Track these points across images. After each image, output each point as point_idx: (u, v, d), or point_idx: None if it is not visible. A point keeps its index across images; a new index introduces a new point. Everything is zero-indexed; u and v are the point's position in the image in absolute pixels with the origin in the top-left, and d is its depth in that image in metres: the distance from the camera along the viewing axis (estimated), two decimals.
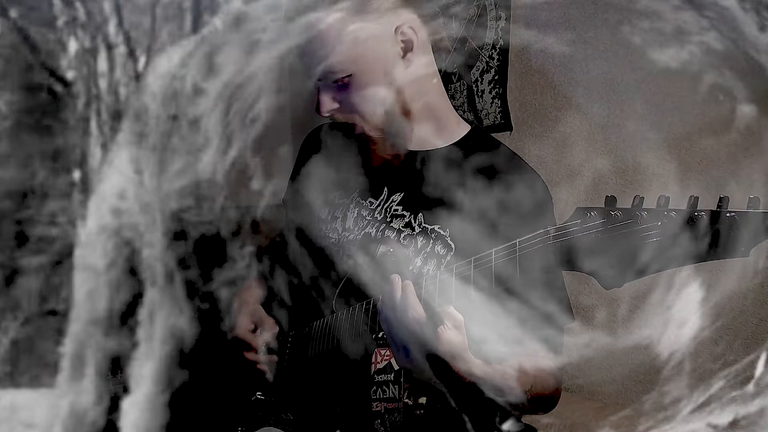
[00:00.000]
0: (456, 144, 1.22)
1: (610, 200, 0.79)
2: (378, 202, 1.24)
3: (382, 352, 1.15)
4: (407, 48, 1.15)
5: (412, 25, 1.14)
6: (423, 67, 1.17)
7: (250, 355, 1.33)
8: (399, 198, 1.22)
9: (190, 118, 1.14)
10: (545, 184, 1.18)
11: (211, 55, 1.14)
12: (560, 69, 1.88)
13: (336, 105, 1.17)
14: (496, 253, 0.90)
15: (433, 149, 1.21)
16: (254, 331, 1.34)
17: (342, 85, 1.14)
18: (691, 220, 0.72)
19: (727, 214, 0.71)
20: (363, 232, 1.22)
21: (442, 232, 1.15)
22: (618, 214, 0.77)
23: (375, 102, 1.15)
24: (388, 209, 1.22)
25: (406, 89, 1.16)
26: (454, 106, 1.30)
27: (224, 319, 1.38)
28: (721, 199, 0.72)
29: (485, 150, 1.20)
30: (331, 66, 1.11)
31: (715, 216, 0.72)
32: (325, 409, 1.21)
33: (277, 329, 1.32)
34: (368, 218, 1.23)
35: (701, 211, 0.72)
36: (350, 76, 1.12)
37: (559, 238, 0.82)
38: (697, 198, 0.73)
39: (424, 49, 1.17)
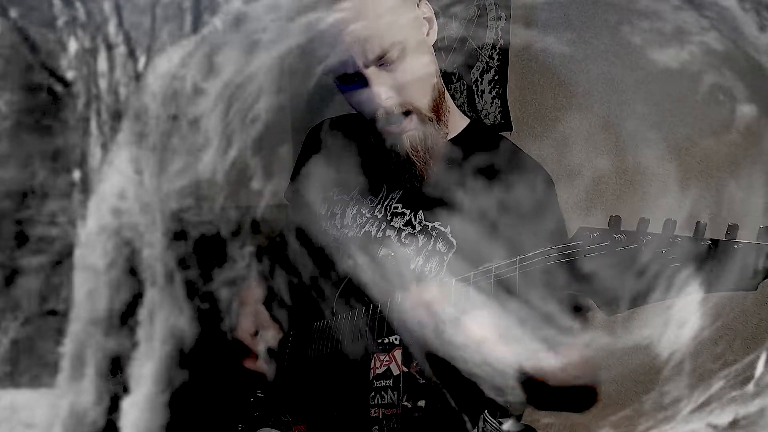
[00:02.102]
0: (455, 138, 1.21)
1: (615, 221, 0.77)
2: (377, 200, 1.23)
3: (381, 357, 1.15)
4: (430, 25, 1.15)
5: (427, 3, 1.15)
6: (430, 64, 1.16)
7: (248, 363, 1.32)
8: (398, 195, 1.21)
9: (190, 118, 1.14)
10: (548, 174, 1.17)
11: (211, 55, 1.14)
12: (560, 69, 1.88)
13: (392, 92, 1.09)
14: (496, 270, 0.90)
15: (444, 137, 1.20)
16: (255, 334, 1.33)
17: (391, 64, 1.08)
18: (697, 249, 0.70)
19: (735, 246, 0.69)
20: (363, 231, 1.22)
21: (443, 229, 1.14)
22: (621, 237, 0.75)
23: (426, 81, 1.12)
24: (388, 207, 1.21)
25: (438, 71, 1.15)
26: (462, 110, 1.30)
27: (224, 319, 1.38)
28: (729, 227, 0.70)
29: (485, 143, 1.20)
30: (386, 40, 1.05)
31: (722, 246, 0.69)
32: (323, 413, 1.21)
33: (280, 334, 1.31)
34: (368, 216, 1.23)
35: (707, 239, 0.71)
36: (404, 49, 1.07)
37: (559, 259, 0.81)
38: (705, 224, 0.71)
39: (433, 38, 1.17)
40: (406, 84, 1.10)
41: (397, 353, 1.14)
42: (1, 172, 1.20)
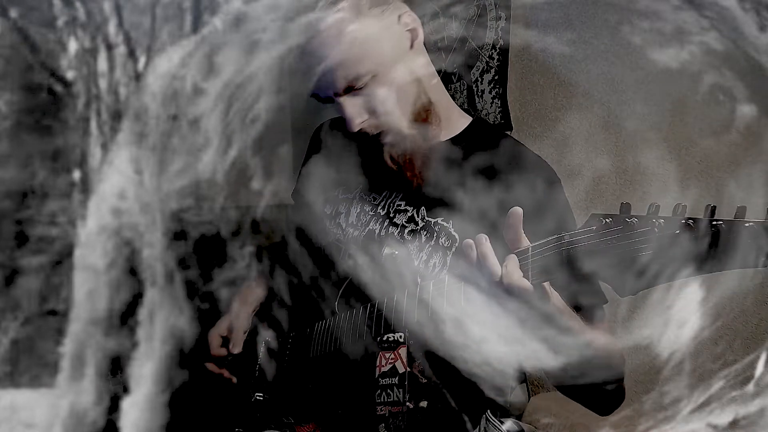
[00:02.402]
0: (457, 136, 1.21)
1: (625, 207, 0.78)
2: (381, 198, 1.24)
3: (387, 355, 1.15)
4: (414, 36, 1.14)
5: (410, 13, 1.14)
6: (421, 68, 1.17)
7: (210, 366, 1.35)
8: (401, 194, 1.22)
9: (190, 118, 1.14)
10: (552, 170, 1.17)
11: (211, 55, 1.14)
12: (560, 69, 1.88)
13: (366, 115, 1.12)
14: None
15: (434, 143, 1.21)
16: (224, 342, 1.36)
17: (366, 90, 1.10)
18: (708, 230, 0.72)
19: (746, 224, 0.71)
20: (367, 229, 1.22)
21: (445, 224, 1.15)
22: (634, 221, 0.76)
23: (403, 97, 1.12)
24: (392, 204, 1.22)
25: (423, 79, 1.15)
26: (465, 108, 1.29)
27: None
28: (738, 209, 0.72)
29: (487, 141, 1.20)
30: (352, 74, 1.08)
31: (734, 226, 0.71)
32: (327, 413, 1.21)
33: (237, 350, 1.34)
34: (371, 213, 1.23)
35: (720, 220, 0.72)
36: (374, 76, 1.09)
37: (573, 245, 0.81)
38: (714, 207, 0.73)
39: (421, 49, 1.17)
40: (380, 105, 1.11)
41: (402, 351, 1.14)
42: (1, 172, 1.20)
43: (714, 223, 0.71)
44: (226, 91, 1.11)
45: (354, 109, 1.11)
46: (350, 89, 1.10)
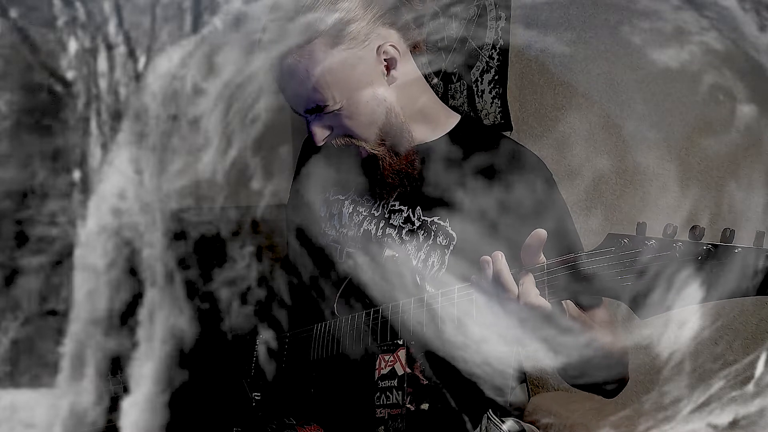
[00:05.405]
0: (447, 135, 1.22)
1: (642, 227, 0.78)
2: (375, 199, 1.24)
3: (386, 358, 1.15)
4: (390, 66, 1.15)
5: (393, 42, 1.14)
6: (406, 75, 1.17)
7: None
8: (395, 194, 1.22)
9: (190, 118, 1.14)
10: (543, 162, 1.18)
11: (211, 55, 1.14)
12: (560, 69, 1.88)
13: (328, 132, 1.17)
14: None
15: (423, 143, 1.21)
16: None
17: (331, 115, 1.14)
18: (727, 255, 0.71)
19: (767, 254, 0.70)
20: (362, 229, 1.22)
21: (442, 223, 1.15)
22: (653, 244, 0.76)
23: (369, 123, 1.15)
24: (386, 205, 1.22)
25: (395, 103, 1.16)
26: (453, 106, 1.29)
27: (224, 319, 1.38)
28: (757, 234, 0.71)
29: (477, 136, 1.21)
30: (321, 100, 1.11)
31: (752, 253, 0.71)
32: (330, 415, 1.21)
33: None
34: (365, 213, 1.23)
35: (739, 246, 0.72)
36: (336, 104, 1.12)
37: (591, 265, 0.81)
38: (732, 231, 0.72)
39: (405, 59, 1.17)
40: (342, 129, 1.16)
41: (402, 353, 1.14)
42: (1, 172, 1.20)
43: (736, 250, 0.71)
44: (226, 91, 1.12)
45: (318, 129, 1.16)
46: (314, 111, 1.14)
